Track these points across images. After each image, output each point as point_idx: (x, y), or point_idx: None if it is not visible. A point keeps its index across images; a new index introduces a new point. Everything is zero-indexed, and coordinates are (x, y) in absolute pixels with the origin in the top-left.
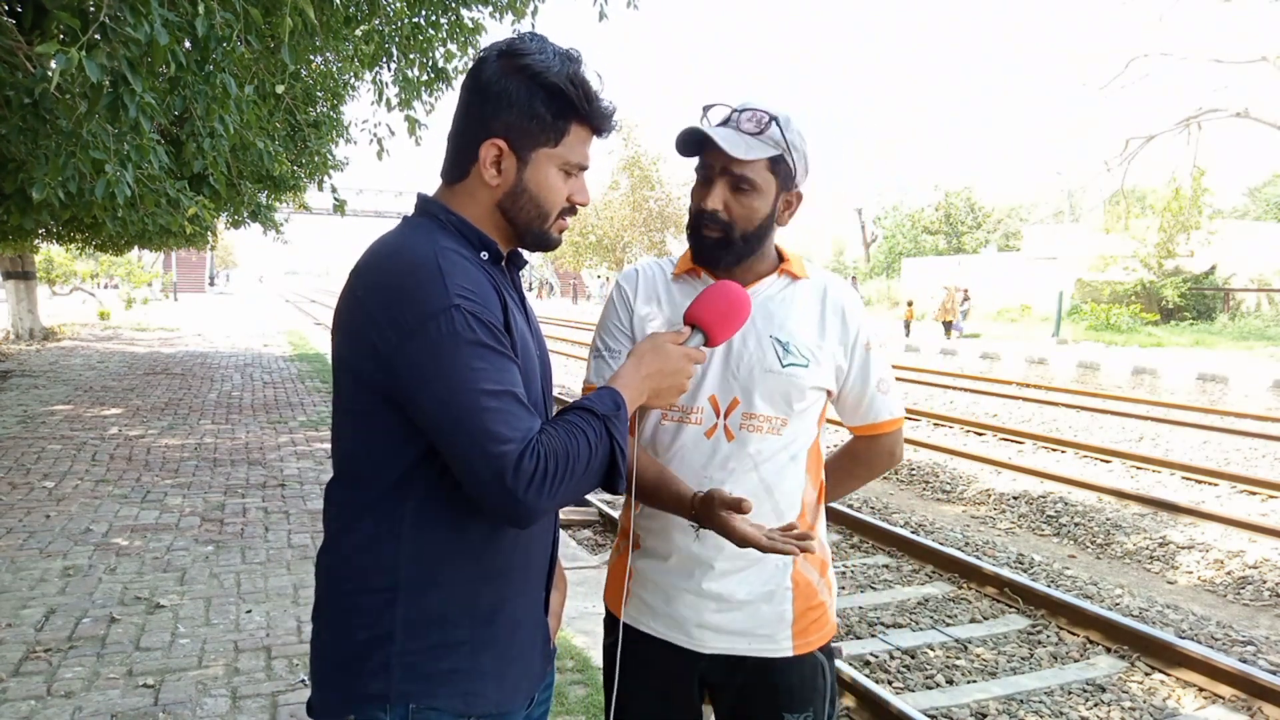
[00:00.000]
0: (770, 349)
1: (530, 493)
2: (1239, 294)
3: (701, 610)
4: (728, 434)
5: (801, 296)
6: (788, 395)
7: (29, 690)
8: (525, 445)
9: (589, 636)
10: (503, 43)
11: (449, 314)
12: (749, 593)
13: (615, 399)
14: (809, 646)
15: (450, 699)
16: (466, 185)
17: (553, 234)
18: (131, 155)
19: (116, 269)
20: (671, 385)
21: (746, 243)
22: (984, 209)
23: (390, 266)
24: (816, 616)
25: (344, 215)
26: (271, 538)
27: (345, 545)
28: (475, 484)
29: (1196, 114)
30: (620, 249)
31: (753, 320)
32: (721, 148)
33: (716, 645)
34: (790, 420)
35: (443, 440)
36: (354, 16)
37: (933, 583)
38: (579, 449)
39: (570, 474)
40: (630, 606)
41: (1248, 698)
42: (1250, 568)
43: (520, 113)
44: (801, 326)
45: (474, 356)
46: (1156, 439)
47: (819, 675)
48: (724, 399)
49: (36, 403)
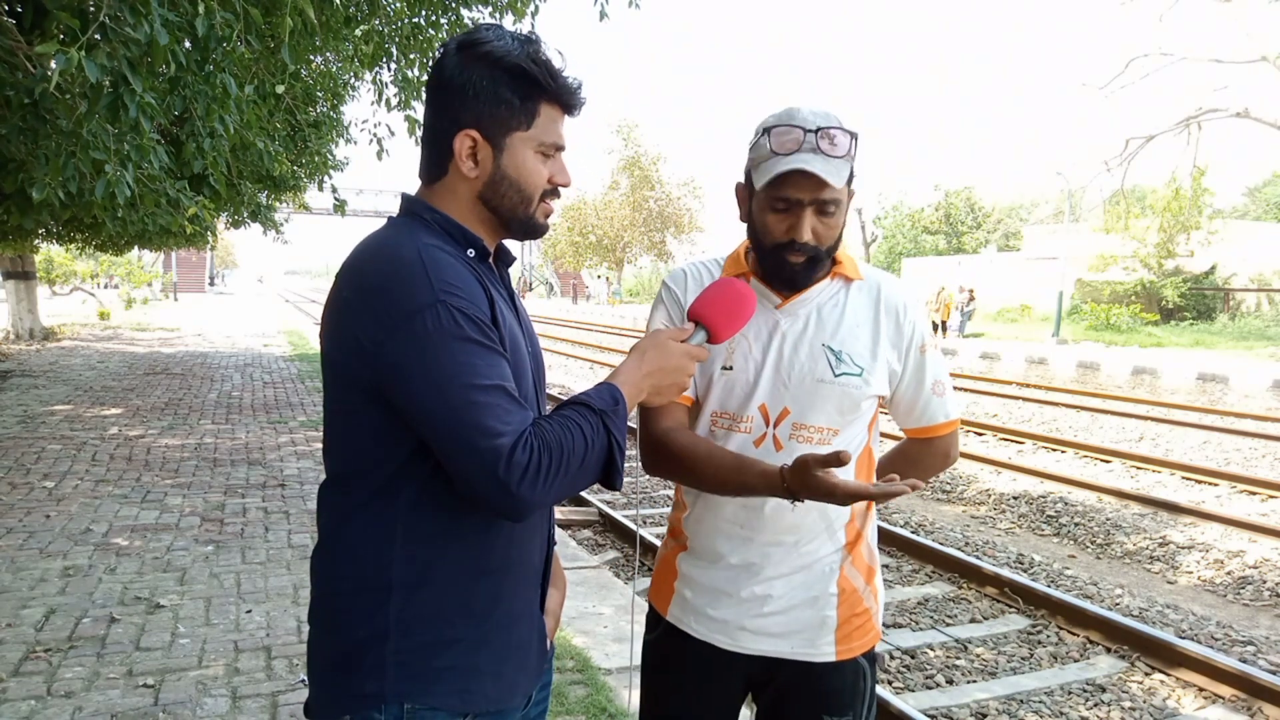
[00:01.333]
0: (823, 358)
1: (524, 485)
2: (1239, 294)
3: (746, 613)
4: (776, 444)
5: (855, 300)
6: (840, 406)
7: (29, 690)
8: (518, 438)
9: (589, 636)
10: (459, 36)
11: (435, 309)
12: (794, 597)
13: (614, 394)
14: (851, 653)
15: (446, 697)
16: (446, 182)
17: (538, 219)
18: (131, 155)
19: (116, 269)
20: (673, 383)
21: (830, 256)
22: (984, 209)
23: (374, 265)
24: (861, 623)
25: (344, 215)
26: (271, 538)
27: (338, 545)
28: (467, 478)
29: (1196, 114)
30: (620, 249)
31: (805, 328)
32: (828, 182)
33: (758, 647)
34: (842, 429)
35: (433, 436)
36: (354, 16)
37: (933, 583)
38: (574, 443)
39: (565, 468)
40: (675, 606)
41: (1248, 698)
42: (1250, 568)
43: (487, 100)
44: (855, 333)
45: (462, 352)
46: (1156, 439)
47: (860, 679)
48: (774, 408)
49: (36, 403)
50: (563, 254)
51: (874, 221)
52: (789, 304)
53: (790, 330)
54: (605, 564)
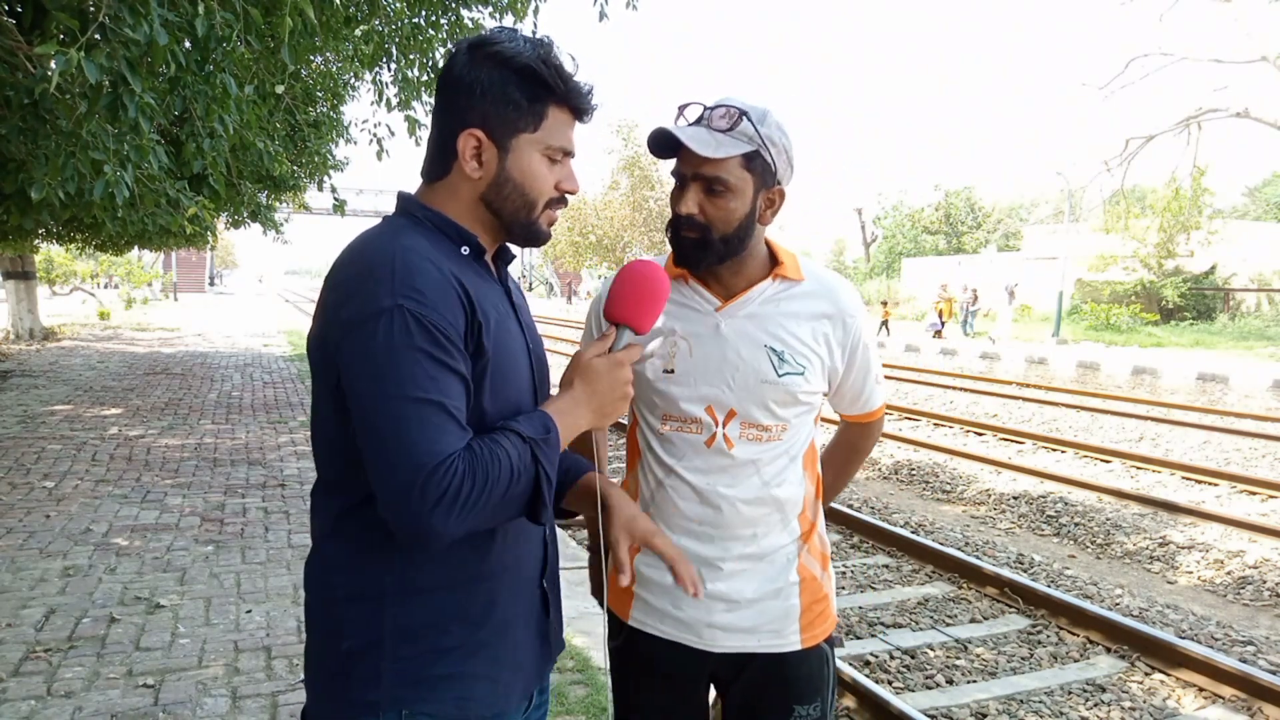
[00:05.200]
0: (765, 359)
1: (437, 514)
2: (1239, 294)
3: (711, 611)
4: (727, 442)
5: (797, 300)
6: (785, 404)
7: (29, 690)
8: (440, 460)
9: (589, 636)
10: (472, 37)
11: (389, 315)
12: (757, 591)
13: (546, 423)
14: (815, 639)
15: (443, 704)
16: (449, 181)
17: (541, 225)
18: (131, 155)
19: (116, 269)
20: (614, 399)
21: (726, 244)
22: (984, 209)
23: (349, 267)
24: (821, 610)
25: (344, 215)
26: (271, 538)
27: (329, 552)
28: (382, 496)
29: (1196, 114)
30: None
31: (746, 329)
32: (699, 153)
33: (726, 644)
34: (790, 425)
35: (362, 447)
36: (354, 16)
37: (933, 583)
38: (500, 473)
39: (485, 498)
40: (636, 609)
41: (1248, 698)
42: (1250, 568)
43: (495, 100)
44: (797, 333)
45: (407, 361)
46: (1156, 439)
47: (824, 665)
48: (720, 409)
49: (36, 403)
50: (562, 254)
51: (874, 221)
52: (729, 305)
53: (730, 331)
54: None
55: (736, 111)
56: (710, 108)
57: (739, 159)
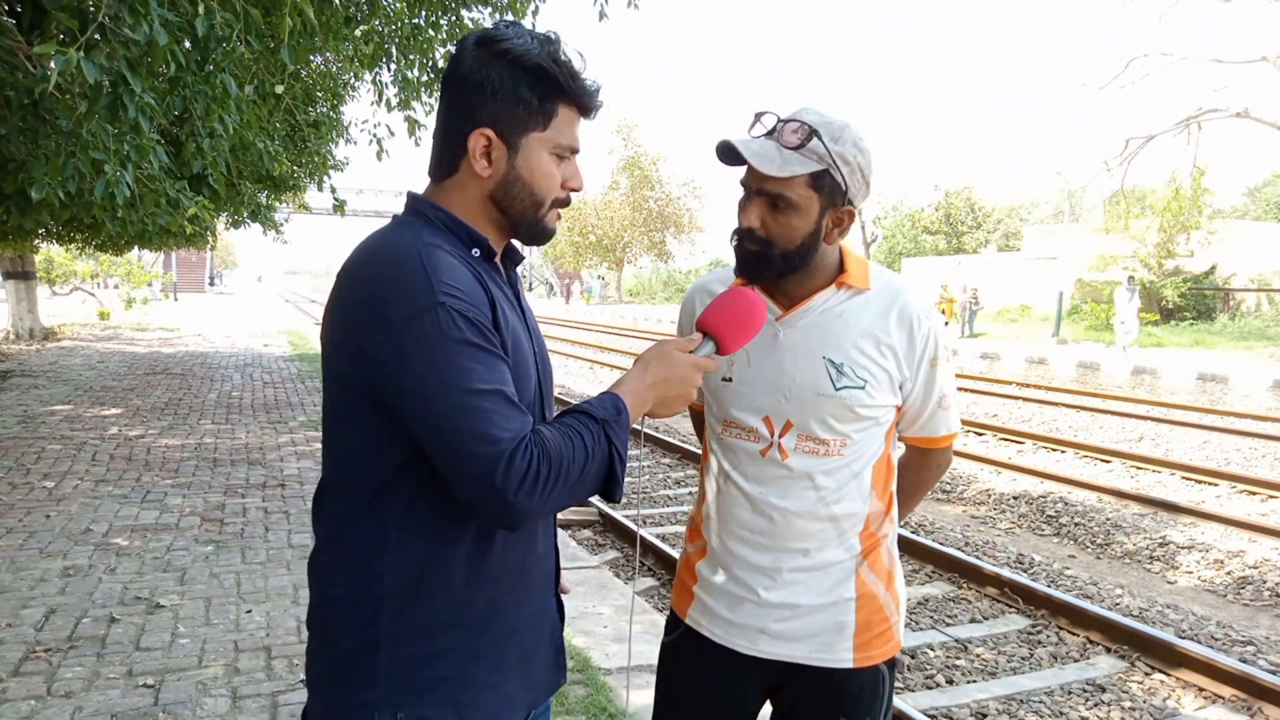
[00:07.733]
0: (823, 371)
1: (521, 494)
2: (1239, 294)
3: (765, 618)
4: (782, 453)
5: (861, 310)
6: (844, 418)
7: (29, 690)
8: (516, 444)
9: (589, 636)
10: (477, 32)
11: (434, 311)
12: (811, 601)
13: (616, 404)
14: (870, 660)
15: (439, 708)
16: (457, 180)
17: (547, 224)
18: (131, 155)
19: (116, 269)
20: (678, 394)
21: (787, 260)
22: (984, 209)
23: (374, 266)
24: (881, 630)
25: (344, 215)
26: (271, 538)
27: (331, 552)
28: (464, 485)
29: (1196, 114)
30: (620, 249)
31: (804, 339)
32: (760, 170)
33: (777, 652)
34: (851, 439)
35: (430, 442)
36: (354, 17)
37: (933, 583)
38: (575, 452)
39: (564, 477)
40: (694, 609)
41: (1248, 698)
42: (1250, 568)
43: (505, 99)
44: (859, 345)
45: (461, 355)
46: (1156, 439)
47: (880, 686)
48: (777, 421)
49: (36, 403)
50: (563, 254)
51: (874, 221)
52: (789, 315)
53: (789, 342)
54: (605, 564)
55: (808, 128)
56: (784, 120)
57: (805, 178)
